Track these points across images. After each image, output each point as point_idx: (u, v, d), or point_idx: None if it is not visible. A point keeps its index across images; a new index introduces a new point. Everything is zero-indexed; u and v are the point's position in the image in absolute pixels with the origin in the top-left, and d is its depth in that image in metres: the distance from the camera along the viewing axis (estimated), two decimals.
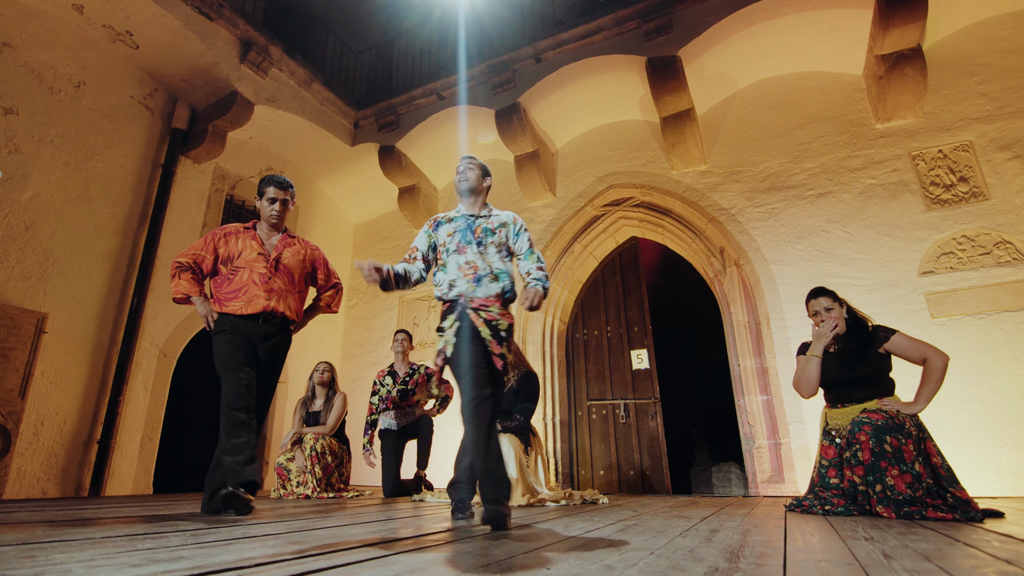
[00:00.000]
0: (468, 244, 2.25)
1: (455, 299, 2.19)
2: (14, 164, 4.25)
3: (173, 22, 4.87)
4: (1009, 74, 4.37)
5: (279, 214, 2.68)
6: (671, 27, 5.02)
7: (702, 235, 5.28)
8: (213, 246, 2.61)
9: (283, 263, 2.64)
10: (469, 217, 2.33)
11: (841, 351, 2.69)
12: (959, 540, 1.52)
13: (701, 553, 1.30)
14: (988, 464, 3.69)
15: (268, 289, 2.54)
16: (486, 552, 1.29)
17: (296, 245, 2.76)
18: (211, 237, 2.63)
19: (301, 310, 2.76)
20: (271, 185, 2.66)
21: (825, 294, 2.80)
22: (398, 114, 6.43)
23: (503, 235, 2.30)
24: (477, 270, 2.20)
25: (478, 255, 2.23)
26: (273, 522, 2.04)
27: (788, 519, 2.22)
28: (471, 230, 2.29)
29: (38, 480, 4.08)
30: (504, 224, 2.33)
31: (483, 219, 2.33)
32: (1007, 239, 4.04)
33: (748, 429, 4.60)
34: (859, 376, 2.60)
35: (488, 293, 2.17)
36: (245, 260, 2.56)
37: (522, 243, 2.33)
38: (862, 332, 2.66)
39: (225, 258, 2.59)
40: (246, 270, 2.55)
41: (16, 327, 4.04)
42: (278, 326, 2.60)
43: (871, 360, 2.59)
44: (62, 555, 1.15)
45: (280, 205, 2.67)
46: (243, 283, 2.53)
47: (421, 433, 4.18)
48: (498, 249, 2.27)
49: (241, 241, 2.62)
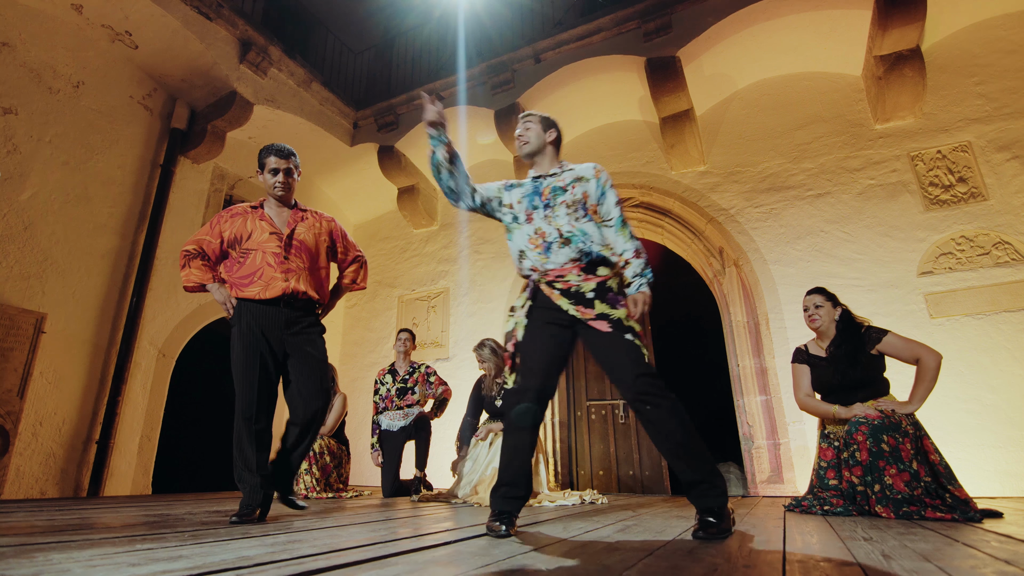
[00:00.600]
0: (535, 210, 1.96)
1: (528, 274, 1.96)
2: (13, 164, 4.24)
3: (172, 22, 4.87)
4: (1008, 75, 4.38)
5: (284, 184, 2.40)
6: (670, 28, 5.03)
7: (701, 235, 5.28)
8: (218, 229, 2.37)
9: (297, 239, 2.37)
10: (536, 179, 2.05)
11: (833, 356, 2.69)
12: (958, 540, 1.52)
13: (700, 554, 1.30)
14: (987, 464, 3.70)
15: (285, 270, 2.29)
16: (486, 552, 1.29)
17: (309, 219, 2.48)
18: (216, 220, 2.41)
19: (326, 290, 2.48)
20: (271, 155, 2.38)
21: (820, 292, 2.81)
22: (397, 114, 6.43)
23: (578, 192, 1.95)
24: (544, 237, 1.91)
25: (544, 220, 1.93)
26: (272, 522, 2.04)
27: (787, 519, 2.22)
28: (538, 193, 1.99)
29: (37, 480, 4.07)
30: (580, 179, 1.98)
31: (553, 177, 2.02)
32: (1006, 239, 4.04)
33: (747, 429, 4.60)
34: (852, 380, 2.60)
35: (561, 261, 1.87)
36: (256, 241, 2.32)
37: (609, 205, 1.95)
38: (854, 336, 2.65)
39: (232, 240, 2.34)
40: (258, 252, 2.30)
41: (15, 327, 4.04)
42: (303, 310, 2.34)
43: (863, 364, 2.59)
44: (60, 555, 1.15)
45: (284, 175, 2.40)
46: (257, 266, 2.29)
47: (419, 434, 4.18)
48: (571, 209, 1.92)
49: (249, 221, 2.37)
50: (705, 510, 1.63)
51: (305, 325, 2.33)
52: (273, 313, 2.27)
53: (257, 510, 2.09)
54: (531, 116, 2.11)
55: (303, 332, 2.31)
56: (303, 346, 2.29)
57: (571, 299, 1.83)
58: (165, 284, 5.14)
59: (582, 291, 1.82)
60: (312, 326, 2.36)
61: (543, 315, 1.88)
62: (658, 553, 1.30)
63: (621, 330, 1.77)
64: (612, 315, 1.79)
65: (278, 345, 2.27)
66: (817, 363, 2.76)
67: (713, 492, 1.65)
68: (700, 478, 1.67)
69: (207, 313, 5.55)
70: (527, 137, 2.07)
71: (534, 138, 2.06)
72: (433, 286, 6.54)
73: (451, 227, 6.74)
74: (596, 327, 1.78)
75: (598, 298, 1.81)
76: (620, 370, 1.75)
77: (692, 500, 1.69)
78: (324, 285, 2.46)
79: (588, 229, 1.90)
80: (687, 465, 1.68)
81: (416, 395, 4.35)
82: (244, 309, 2.26)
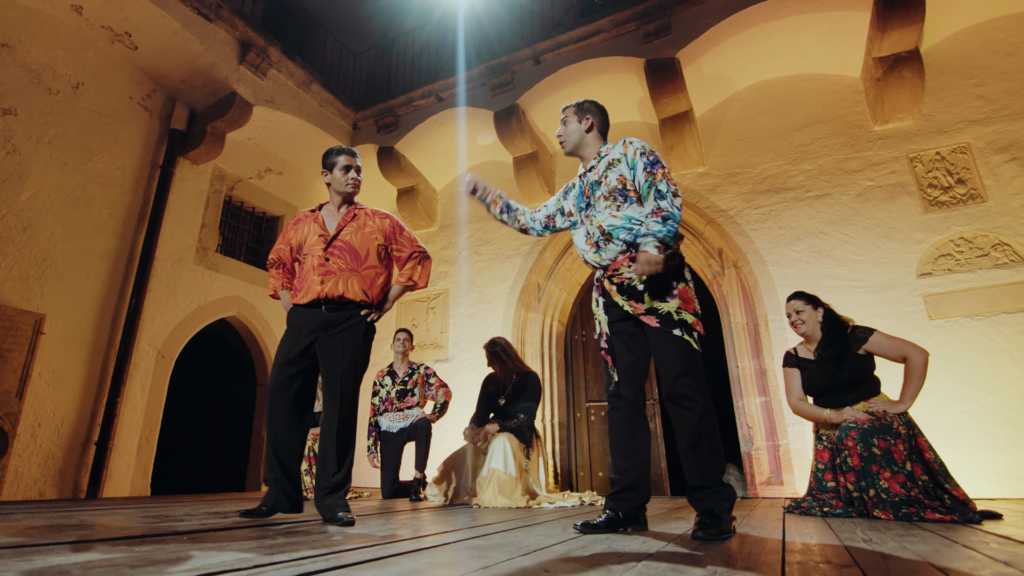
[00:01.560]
0: (582, 211, 1.94)
1: (595, 270, 1.95)
2: (12, 165, 4.24)
3: (172, 23, 4.87)
4: (1006, 76, 4.39)
5: (355, 181, 2.40)
6: (669, 29, 5.03)
7: (700, 236, 5.28)
8: (288, 237, 2.45)
9: (341, 240, 2.32)
10: (583, 176, 1.99)
11: (821, 358, 2.68)
12: (957, 542, 1.52)
13: (700, 555, 1.30)
14: (986, 466, 3.70)
15: (324, 272, 2.26)
16: (485, 554, 1.29)
17: (361, 217, 2.40)
18: (286, 227, 2.49)
19: (375, 290, 2.35)
20: (342, 154, 2.40)
21: (799, 297, 2.80)
22: (397, 115, 6.43)
23: (612, 179, 1.86)
24: (592, 237, 1.89)
25: (588, 220, 1.91)
26: (271, 524, 2.04)
27: (786, 521, 2.22)
28: (582, 192, 1.96)
29: (35, 482, 4.07)
30: (613, 163, 1.88)
31: (591, 173, 1.96)
32: (1005, 241, 4.05)
33: (746, 431, 4.60)
34: (841, 382, 2.59)
35: (612, 256, 1.85)
36: (309, 247, 2.35)
37: (640, 178, 1.82)
38: (840, 337, 2.64)
39: (297, 247, 2.42)
40: (309, 256, 2.33)
41: (14, 328, 4.03)
42: (344, 311, 2.26)
43: (850, 365, 2.58)
44: (58, 558, 1.15)
45: (356, 172, 2.41)
46: (306, 271, 2.32)
47: (419, 435, 4.17)
48: (610, 200, 1.84)
49: (306, 227, 2.40)
50: (706, 512, 1.62)
51: (343, 328, 2.24)
52: (313, 316, 2.25)
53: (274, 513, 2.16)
54: (567, 108, 2.02)
55: (338, 334, 2.23)
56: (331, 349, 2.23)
57: (625, 294, 1.79)
58: (164, 285, 5.14)
59: (634, 284, 1.78)
60: (350, 328, 2.25)
61: (614, 313, 1.87)
62: (658, 554, 1.30)
63: (670, 325, 1.71)
64: (661, 309, 1.72)
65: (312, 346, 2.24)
66: (807, 366, 2.75)
67: (716, 497, 1.64)
68: (706, 484, 1.66)
69: (206, 314, 5.55)
70: (564, 135, 2.01)
71: (572, 133, 1.99)
72: (432, 287, 6.53)
73: (450, 228, 6.74)
74: (647, 322, 1.75)
75: (647, 291, 1.76)
76: (663, 368, 1.73)
77: (693, 503, 1.68)
78: (374, 285, 2.35)
79: (633, 214, 1.81)
80: (697, 469, 1.67)
81: (416, 397, 4.35)
82: (292, 314, 2.30)
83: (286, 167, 6.57)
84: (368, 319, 2.31)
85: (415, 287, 2.46)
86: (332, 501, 2.09)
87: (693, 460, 1.68)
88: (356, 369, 2.24)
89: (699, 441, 1.66)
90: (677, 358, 1.69)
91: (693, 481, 1.69)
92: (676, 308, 1.73)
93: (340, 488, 2.12)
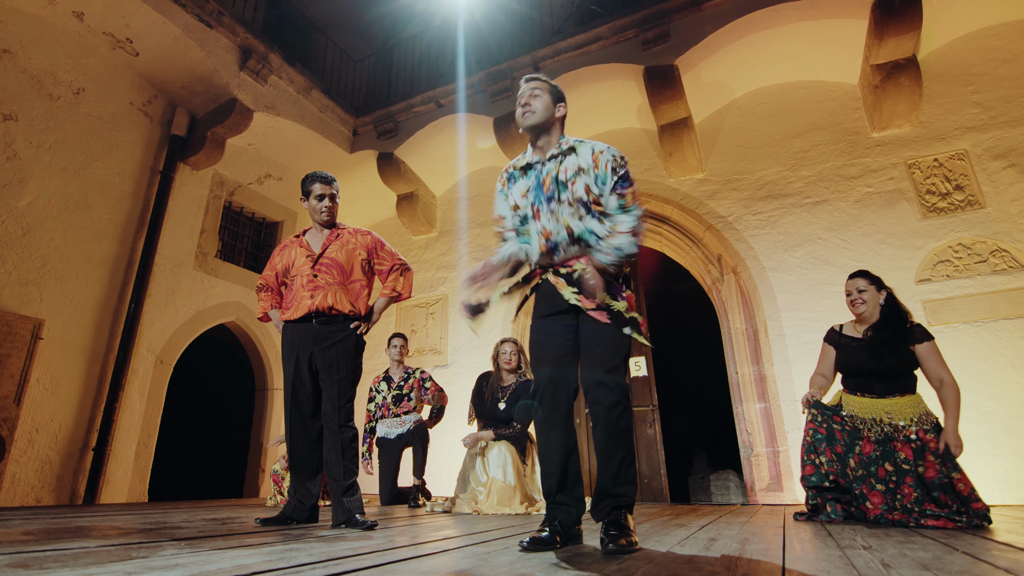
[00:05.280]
0: (540, 205, 1.76)
1: (533, 272, 1.82)
2: (12, 170, 4.25)
3: (173, 29, 4.89)
4: (1004, 83, 4.41)
5: (329, 210, 2.54)
6: (668, 36, 5.06)
7: (700, 242, 5.29)
8: (273, 263, 2.62)
9: (327, 257, 2.48)
10: (538, 164, 1.81)
11: (872, 340, 2.60)
12: (958, 549, 1.52)
13: (699, 562, 1.29)
14: (986, 472, 3.68)
15: (313, 287, 2.41)
16: (486, 561, 1.29)
17: (344, 235, 2.56)
18: (272, 255, 2.66)
19: (361, 302, 2.50)
20: (316, 182, 2.52)
21: (863, 276, 2.72)
22: (397, 121, 6.45)
23: (580, 189, 1.71)
24: (550, 236, 1.74)
25: (550, 216, 1.74)
26: (269, 531, 2.03)
27: (787, 528, 2.21)
28: (540, 184, 1.77)
29: (32, 488, 4.05)
30: (581, 171, 1.73)
31: (553, 163, 1.78)
32: (1003, 247, 4.05)
33: (746, 437, 4.59)
34: (884, 367, 2.52)
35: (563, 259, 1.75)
36: (297, 269, 2.49)
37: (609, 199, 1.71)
38: (898, 324, 2.57)
39: (283, 271, 2.57)
40: (298, 277, 2.47)
41: (12, 333, 4.03)
42: (334, 324, 2.41)
43: (900, 354, 2.52)
44: (56, 564, 1.14)
45: (329, 200, 2.54)
46: (295, 290, 2.47)
47: (417, 441, 4.16)
48: (574, 208, 1.71)
49: (293, 251, 2.56)
50: (610, 523, 1.56)
51: (334, 341, 2.39)
52: (305, 330, 2.41)
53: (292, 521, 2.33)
54: (540, 82, 1.83)
55: (331, 347, 2.39)
56: (327, 363, 2.38)
57: (575, 285, 1.69)
58: (163, 290, 5.14)
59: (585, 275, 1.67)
60: (341, 341, 2.40)
61: (547, 306, 1.76)
62: (657, 561, 1.29)
63: (620, 322, 1.65)
64: (613, 306, 1.66)
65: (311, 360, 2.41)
66: (849, 344, 2.68)
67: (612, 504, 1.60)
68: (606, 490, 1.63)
69: (205, 319, 5.54)
70: (535, 107, 1.78)
71: (542, 109, 1.79)
72: (432, 293, 6.54)
73: (450, 234, 6.75)
74: (596, 317, 1.66)
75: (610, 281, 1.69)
76: (598, 360, 1.65)
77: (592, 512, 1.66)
78: (360, 298, 2.50)
79: (594, 228, 1.71)
80: (600, 474, 1.66)
81: (412, 401, 4.34)
82: (286, 331, 2.47)
83: (286, 173, 6.58)
84: (358, 332, 2.46)
85: (400, 298, 2.61)
86: (349, 503, 2.25)
87: (601, 463, 1.67)
88: (352, 380, 2.41)
89: (608, 448, 1.64)
90: (609, 357, 1.64)
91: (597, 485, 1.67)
92: (625, 308, 1.68)
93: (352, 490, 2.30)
